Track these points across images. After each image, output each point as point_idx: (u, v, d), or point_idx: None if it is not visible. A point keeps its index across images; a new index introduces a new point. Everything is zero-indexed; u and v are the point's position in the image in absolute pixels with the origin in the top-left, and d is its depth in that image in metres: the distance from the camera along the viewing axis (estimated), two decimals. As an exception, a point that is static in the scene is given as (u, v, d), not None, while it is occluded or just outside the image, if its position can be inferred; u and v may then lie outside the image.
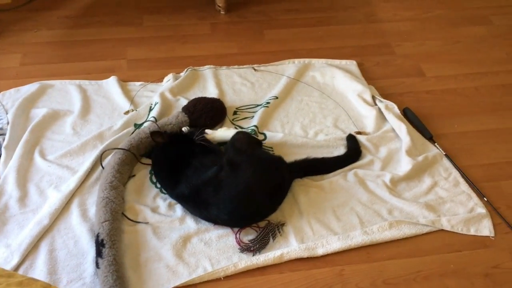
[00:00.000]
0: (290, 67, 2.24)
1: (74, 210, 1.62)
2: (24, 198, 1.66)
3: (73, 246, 1.53)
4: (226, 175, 1.58)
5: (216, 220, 1.59)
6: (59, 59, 2.26)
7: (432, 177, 1.78)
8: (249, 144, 1.73)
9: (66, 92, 2.06)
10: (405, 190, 1.74)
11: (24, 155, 1.77)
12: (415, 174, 1.78)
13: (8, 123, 1.87)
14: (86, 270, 1.47)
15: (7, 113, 1.92)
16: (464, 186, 1.76)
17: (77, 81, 2.12)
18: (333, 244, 1.55)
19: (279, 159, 1.70)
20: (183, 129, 1.83)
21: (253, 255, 1.52)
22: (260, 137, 1.89)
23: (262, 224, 1.60)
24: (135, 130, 1.88)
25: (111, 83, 2.11)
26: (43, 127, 1.89)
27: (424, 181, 1.77)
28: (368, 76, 2.22)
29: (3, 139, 1.81)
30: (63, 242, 1.54)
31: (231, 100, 2.07)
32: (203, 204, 1.56)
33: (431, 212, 1.65)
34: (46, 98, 2.03)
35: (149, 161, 1.79)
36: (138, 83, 2.13)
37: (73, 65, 2.23)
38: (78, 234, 1.56)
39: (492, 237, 1.61)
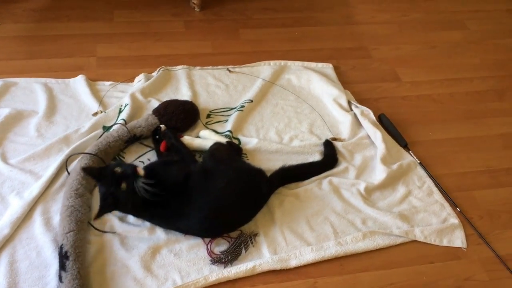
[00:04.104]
0: (265, 69, 2.20)
1: (37, 218, 1.54)
2: (-17, 205, 1.56)
3: (35, 257, 1.45)
4: (198, 183, 1.53)
5: (187, 230, 1.54)
6: (24, 55, 2.14)
7: (406, 186, 1.77)
8: (229, 154, 1.68)
9: (30, 91, 1.96)
10: (379, 199, 1.72)
11: None
12: (389, 182, 1.76)
13: (-35, 124, 1.75)
14: (49, 284, 1.39)
15: None
16: (437, 195, 1.76)
17: (43, 79, 2.01)
18: (307, 255, 1.52)
19: (259, 172, 1.64)
20: (161, 126, 1.77)
21: (225, 267, 1.47)
22: (235, 141, 1.84)
23: (234, 234, 1.56)
24: (103, 133, 1.80)
25: (79, 82, 2.01)
26: (5, 129, 1.79)
27: (398, 190, 1.76)
28: (344, 80, 2.19)
29: (-40, 141, 1.70)
30: (24, 253, 1.46)
31: (205, 102, 2.00)
32: (172, 213, 1.50)
33: (405, 222, 1.64)
34: (9, 97, 1.92)
35: None
36: (107, 83, 2.04)
37: (38, 61, 2.11)
38: (41, 245, 1.48)
39: (464, 248, 1.61)
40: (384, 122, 1.98)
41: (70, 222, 1.47)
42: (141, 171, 1.44)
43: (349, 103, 2.04)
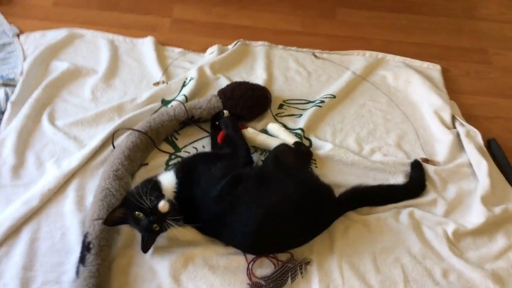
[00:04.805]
0: (358, 59, 1.96)
1: (70, 194, 1.43)
2: (19, 167, 1.48)
3: (59, 239, 1.34)
4: (250, 190, 1.32)
5: (228, 240, 1.35)
6: (97, 4, 2.05)
7: (508, 238, 1.46)
8: (296, 161, 1.46)
9: (95, 46, 1.88)
10: (470, 249, 1.44)
11: (31, 116, 1.59)
12: (487, 229, 1.47)
13: (21, 73, 1.66)
14: (66, 273, 1.27)
15: (24, 60, 1.72)
16: (549, 257, 1.43)
17: (111, 35, 1.93)
18: (364, 304, 1.29)
19: (327, 190, 1.41)
20: (224, 111, 1.59)
21: (263, 297, 1.27)
22: (305, 142, 1.64)
23: (283, 256, 1.35)
24: (161, 107, 1.66)
25: (147, 45, 1.90)
26: (60, 85, 1.72)
27: (497, 241, 1.46)
28: (452, 87, 1.90)
29: (12, 92, 1.60)
30: (49, 232, 1.35)
31: (280, 89, 1.81)
32: (215, 218, 1.31)
33: (498, 285, 1.35)
34: (72, 50, 1.85)
35: (168, 148, 1.56)
36: (177, 50, 1.92)
37: (111, 14, 2.02)
38: (68, 225, 1.36)
39: None
40: (494, 150, 1.70)
41: (101, 208, 1.33)
42: (164, 207, 1.24)
43: (453, 118, 1.77)
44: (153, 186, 1.28)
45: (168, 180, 1.31)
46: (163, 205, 1.23)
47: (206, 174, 1.33)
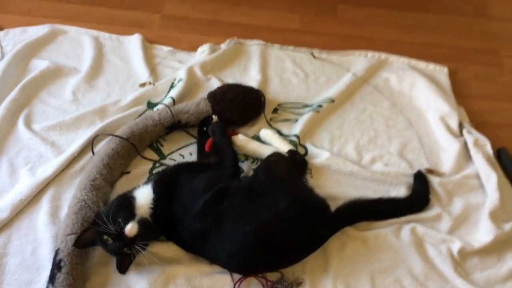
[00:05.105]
0: (359, 60, 1.86)
1: (44, 205, 1.34)
2: (-10, 175, 1.39)
3: (29, 255, 1.25)
4: (237, 205, 1.23)
5: (214, 258, 1.25)
6: None
7: None
8: (289, 172, 1.36)
9: (78, 44, 1.78)
10: (477, 269, 1.35)
11: (5, 118, 1.51)
12: (495, 248, 1.38)
13: (-2, 71, 1.57)
14: None
15: (2, 58, 1.64)
16: None
17: (96, 32, 1.83)
18: (360, 331, 1.20)
19: (322, 205, 1.32)
20: (213, 116, 1.50)
21: (250, 321, 1.19)
22: (301, 150, 1.53)
23: (272, 276, 1.26)
24: (146, 110, 1.57)
25: (134, 43, 1.79)
26: (39, 85, 1.63)
27: (506, 262, 1.36)
28: (460, 91, 1.80)
29: (-12, 92, 1.51)
30: (19, 246, 1.26)
31: (275, 92, 1.71)
32: (198, 236, 1.22)
33: None
34: (53, 47, 1.76)
35: (152, 155, 1.46)
36: (166, 48, 1.82)
37: (97, 10, 1.91)
38: (40, 239, 1.27)
39: None
40: (504, 161, 1.60)
41: (75, 221, 1.24)
42: (131, 231, 1.14)
43: (461, 125, 1.68)
44: (123, 204, 1.18)
45: (143, 195, 1.21)
46: (130, 229, 1.13)
47: (187, 187, 1.23)
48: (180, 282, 1.23)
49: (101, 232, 1.13)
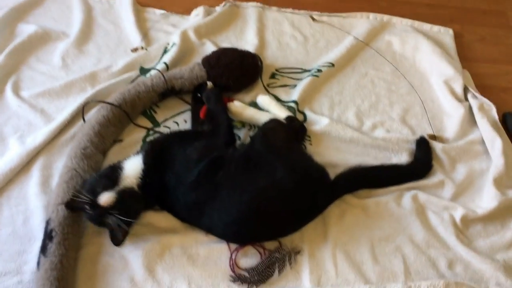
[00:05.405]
0: (361, 23, 1.83)
1: (35, 173, 1.30)
2: (-22, 144, 1.35)
3: (20, 225, 1.22)
4: (233, 174, 1.20)
5: (210, 228, 1.22)
6: None
7: None
8: (287, 140, 1.33)
9: (66, 7, 1.74)
10: (480, 236, 1.33)
11: None
12: (499, 215, 1.36)
13: (-17, 38, 1.52)
14: (28, 263, 1.15)
15: None
16: None
17: None
18: (360, 298, 1.19)
19: (321, 173, 1.29)
20: (208, 82, 1.45)
21: (247, 290, 1.18)
22: (299, 116, 1.50)
23: (270, 245, 1.23)
24: (138, 76, 1.52)
25: (125, 5, 1.76)
26: (26, 51, 1.58)
27: (510, 229, 1.35)
28: (466, 54, 1.79)
29: (-27, 59, 1.46)
30: (10, 216, 1.23)
31: (273, 56, 1.68)
32: (193, 206, 1.19)
33: (510, 278, 1.23)
34: (41, 11, 1.71)
35: (146, 123, 1.42)
36: (158, 12, 1.79)
37: None
38: (31, 209, 1.24)
39: None
40: (510, 126, 1.59)
41: (66, 191, 1.20)
42: (106, 201, 1.10)
43: (465, 89, 1.65)
44: (107, 174, 1.15)
45: (132, 165, 1.18)
46: (103, 199, 1.09)
47: (181, 157, 1.19)
48: (175, 252, 1.21)
49: (78, 201, 1.11)
